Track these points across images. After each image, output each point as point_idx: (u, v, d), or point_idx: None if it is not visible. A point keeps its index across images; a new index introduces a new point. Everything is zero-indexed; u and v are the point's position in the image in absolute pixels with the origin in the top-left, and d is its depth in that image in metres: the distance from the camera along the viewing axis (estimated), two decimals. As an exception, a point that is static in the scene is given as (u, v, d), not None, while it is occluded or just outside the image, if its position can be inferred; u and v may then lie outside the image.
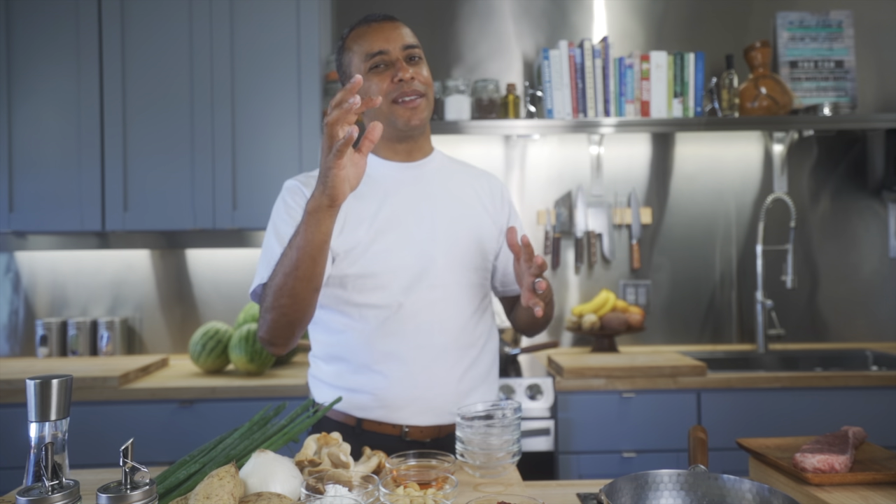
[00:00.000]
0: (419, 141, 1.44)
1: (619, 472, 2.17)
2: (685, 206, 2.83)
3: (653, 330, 2.80)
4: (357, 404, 1.38)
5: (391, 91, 1.34)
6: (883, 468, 1.10)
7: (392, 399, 1.36)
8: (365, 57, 1.36)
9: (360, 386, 1.37)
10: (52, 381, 0.82)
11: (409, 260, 1.36)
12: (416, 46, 1.39)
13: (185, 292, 2.76)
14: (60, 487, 0.77)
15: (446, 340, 1.38)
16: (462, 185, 1.48)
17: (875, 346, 2.71)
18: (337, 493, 0.94)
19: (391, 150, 1.43)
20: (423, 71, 1.38)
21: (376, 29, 1.38)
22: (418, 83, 1.36)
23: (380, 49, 1.35)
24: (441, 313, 1.37)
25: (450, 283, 1.38)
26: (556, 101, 2.58)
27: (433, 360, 1.37)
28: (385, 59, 1.35)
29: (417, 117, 1.36)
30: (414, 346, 1.36)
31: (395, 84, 1.34)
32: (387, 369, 1.36)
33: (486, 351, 1.46)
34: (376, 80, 1.35)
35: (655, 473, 1.00)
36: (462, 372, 1.39)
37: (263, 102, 2.44)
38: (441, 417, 1.38)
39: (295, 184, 1.42)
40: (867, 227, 2.83)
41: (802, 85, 2.76)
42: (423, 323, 1.36)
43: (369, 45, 1.36)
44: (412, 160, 1.44)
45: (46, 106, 2.42)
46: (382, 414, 1.37)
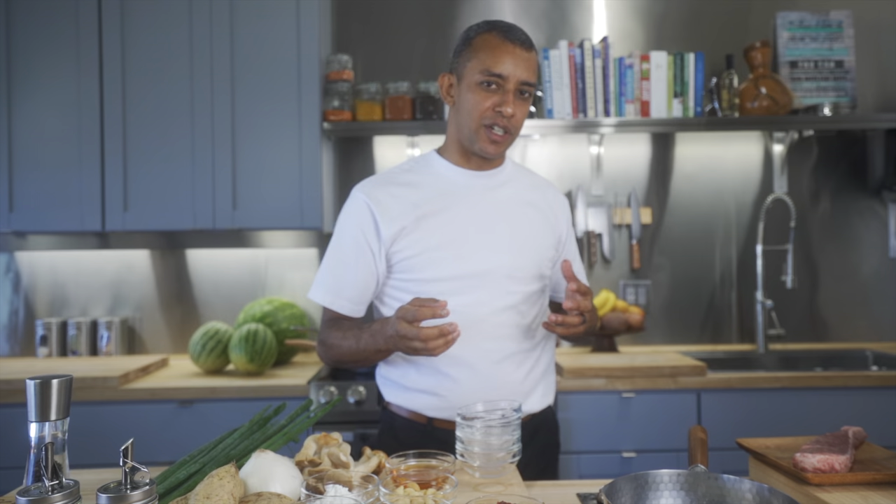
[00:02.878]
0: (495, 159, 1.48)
1: (619, 472, 2.17)
2: (685, 206, 2.83)
3: (653, 330, 2.80)
4: (427, 404, 1.43)
5: (487, 116, 1.36)
6: (883, 468, 1.10)
7: (460, 400, 1.38)
8: (484, 71, 1.35)
9: (430, 388, 1.42)
10: (52, 381, 0.82)
11: (477, 267, 1.40)
12: (532, 85, 1.38)
13: (185, 292, 2.76)
14: (60, 487, 0.77)
15: (511, 345, 1.42)
16: (529, 194, 1.51)
17: (875, 346, 2.71)
18: (337, 493, 0.94)
19: (464, 157, 1.46)
20: (523, 108, 1.39)
21: (510, 51, 1.35)
22: (515, 122, 1.37)
23: (500, 73, 1.34)
24: (507, 319, 1.42)
25: (515, 290, 1.42)
26: (556, 101, 2.58)
27: (499, 363, 1.41)
28: (499, 83, 1.35)
29: (496, 150, 1.40)
30: (481, 350, 1.40)
31: (494, 112, 1.35)
32: (455, 373, 1.40)
33: (545, 351, 1.51)
34: (480, 97, 1.35)
35: (655, 473, 1.00)
36: (525, 373, 1.44)
37: (263, 102, 2.44)
38: None
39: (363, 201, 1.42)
40: (867, 227, 2.83)
41: (802, 85, 2.76)
42: (490, 328, 1.40)
43: (493, 62, 1.34)
44: (484, 169, 1.47)
45: (46, 106, 2.42)
46: (452, 414, 1.40)
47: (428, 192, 1.42)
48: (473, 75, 1.36)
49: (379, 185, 1.44)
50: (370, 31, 2.81)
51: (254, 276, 2.76)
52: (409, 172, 1.47)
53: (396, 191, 1.42)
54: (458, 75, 1.40)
